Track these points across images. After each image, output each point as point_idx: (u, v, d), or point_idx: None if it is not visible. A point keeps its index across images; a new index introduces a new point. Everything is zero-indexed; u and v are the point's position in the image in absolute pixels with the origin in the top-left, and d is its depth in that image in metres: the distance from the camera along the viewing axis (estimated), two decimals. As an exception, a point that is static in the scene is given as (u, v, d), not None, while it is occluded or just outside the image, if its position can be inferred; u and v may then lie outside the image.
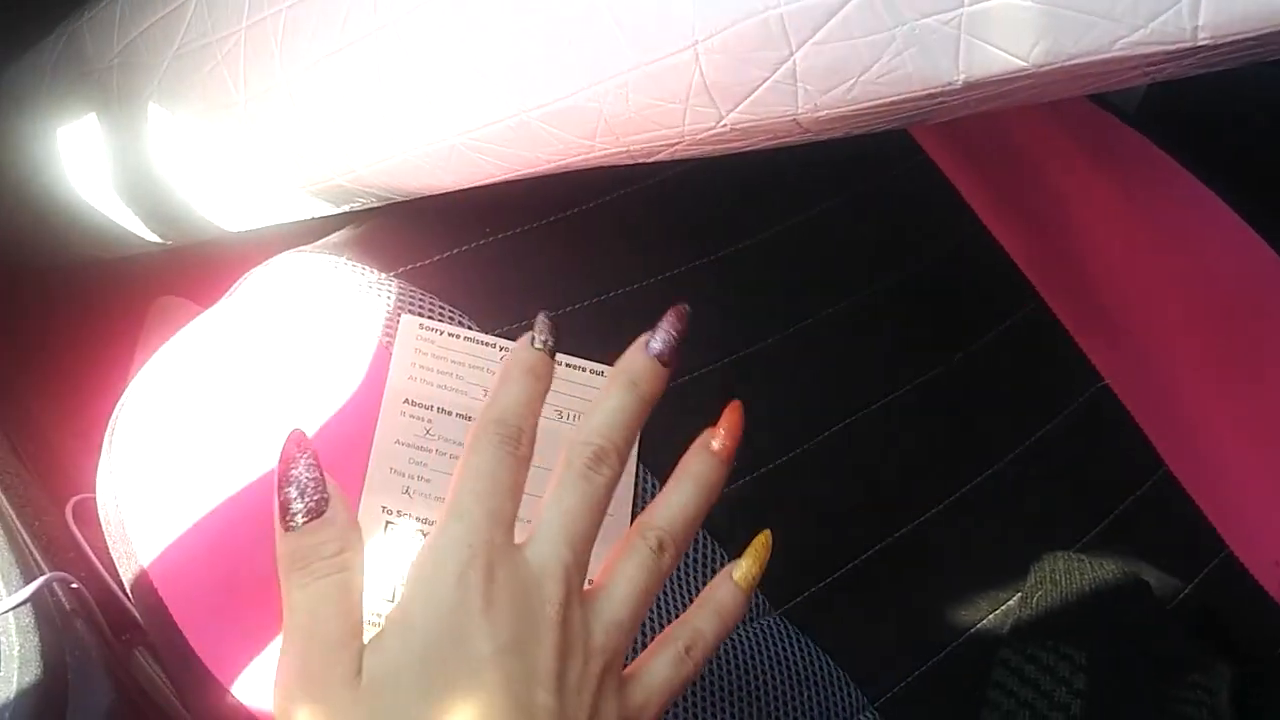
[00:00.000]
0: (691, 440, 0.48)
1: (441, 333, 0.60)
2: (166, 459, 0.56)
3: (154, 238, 0.83)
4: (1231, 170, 0.83)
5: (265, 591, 0.56)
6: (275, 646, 0.55)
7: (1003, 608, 0.70)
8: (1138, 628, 0.67)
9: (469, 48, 0.50)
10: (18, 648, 0.51)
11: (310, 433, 0.57)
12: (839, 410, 0.72)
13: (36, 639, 0.52)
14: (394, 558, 0.56)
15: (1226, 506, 0.77)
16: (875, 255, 0.79)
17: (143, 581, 0.55)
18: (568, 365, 0.60)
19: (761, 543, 0.48)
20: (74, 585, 0.57)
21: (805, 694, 0.62)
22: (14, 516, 0.60)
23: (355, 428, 0.58)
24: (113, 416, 0.57)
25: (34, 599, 0.53)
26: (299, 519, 0.42)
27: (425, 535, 0.56)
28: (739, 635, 0.61)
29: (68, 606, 0.57)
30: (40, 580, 0.54)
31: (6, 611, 0.52)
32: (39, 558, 0.58)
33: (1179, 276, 0.82)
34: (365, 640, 0.40)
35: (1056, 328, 0.81)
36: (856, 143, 0.49)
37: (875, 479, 0.71)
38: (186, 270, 1.01)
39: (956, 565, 0.71)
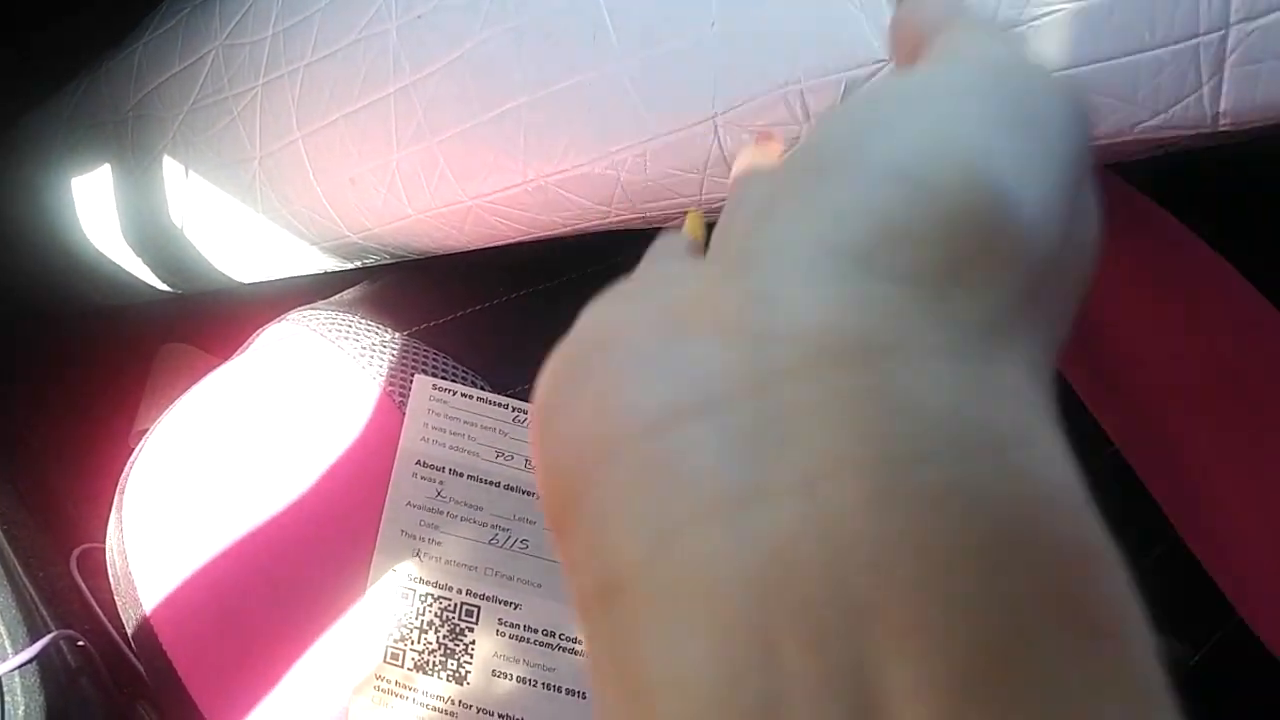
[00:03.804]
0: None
1: (454, 393, 0.60)
2: (176, 515, 0.56)
3: (163, 286, 0.84)
4: (1244, 235, 0.83)
5: (268, 645, 0.55)
6: (274, 699, 0.54)
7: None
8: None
9: (488, 111, 0.50)
10: (23, 707, 0.51)
11: (321, 493, 0.57)
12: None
13: (42, 698, 0.52)
14: (402, 621, 0.56)
15: (1236, 574, 0.76)
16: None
17: (146, 632, 0.55)
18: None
19: None
20: (80, 643, 0.57)
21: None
22: (20, 570, 0.59)
23: (367, 489, 0.58)
24: (124, 472, 0.57)
25: (40, 657, 0.53)
26: None
27: (435, 599, 0.56)
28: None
29: (73, 664, 0.56)
30: (47, 638, 0.53)
31: (12, 670, 0.51)
32: (45, 612, 0.58)
33: (1189, 342, 0.82)
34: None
35: (1067, 392, 0.81)
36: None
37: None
38: (192, 317, 1.01)
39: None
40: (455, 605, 0.56)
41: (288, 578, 0.56)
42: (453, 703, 0.55)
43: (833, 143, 0.20)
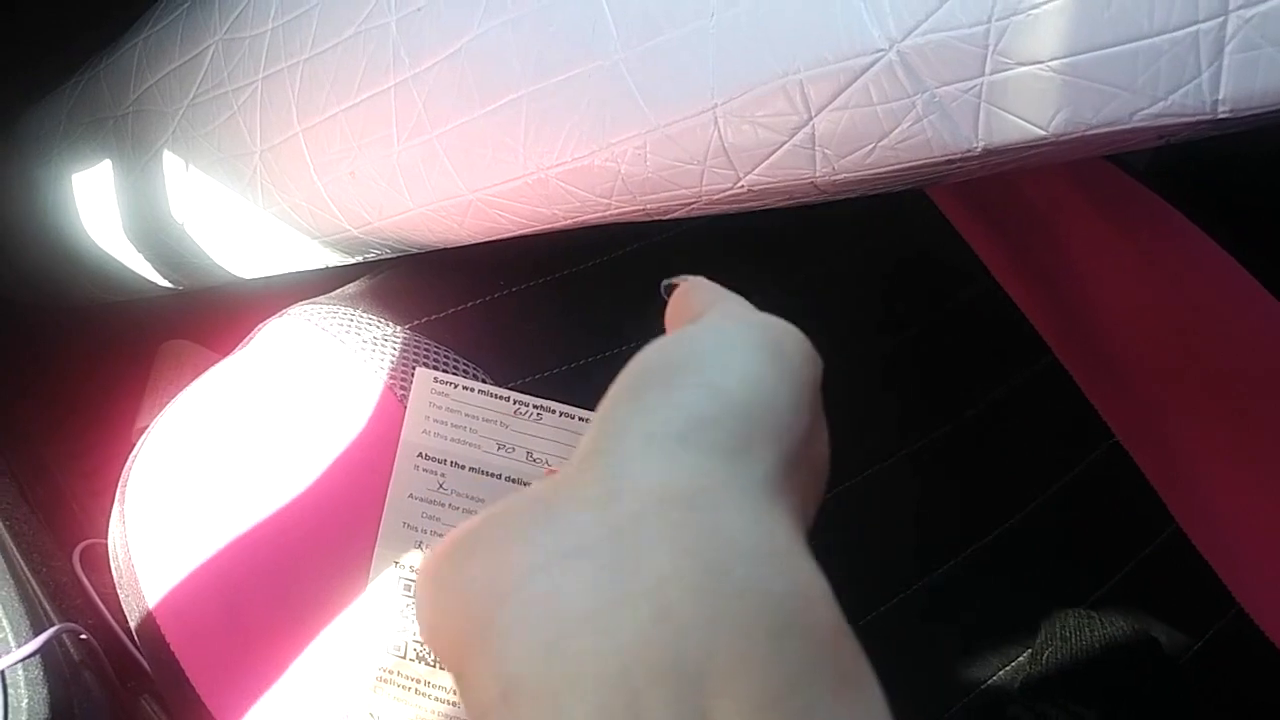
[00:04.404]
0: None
1: (455, 386, 0.60)
2: (178, 508, 0.56)
3: (165, 283, 0.84)
4: (1244, 227, 0.83)
5: (271, 639, 0.55)
6: (279, 692, 0.54)
7: (1013, 664, 0.69)
8: (1147, 685, 0.67)
9: (488, 104, 0.50)
10: (26, 700, 0.51)
11: (324, 486, 0.57)
12: (851, 466, 0.71)
13: (45, 691, 0.52)
14: (406, 614, 0.56)
15: (1236, 563, 0.76)
16: (887, 310, 0.79)
17: (150, 627, 0.55)
18: (580, 419, 0.60)
19: None
20: (83, 636, 0.57)
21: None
22: (23, 564, 0.59)
23: (369, 481, 0.58)
24: (126, 465, 0.57)
25: (43, 651, 0.53)
26: None
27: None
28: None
29: (76, 657, 0.56)
30: (50, 632, 0.53)
31: (16, 664, 0.51)
32: (48, 606, 0.58)
33: (1189, 333, 0.82)
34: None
35: (1069, 383, 0.81)
36: (869, 199, 0.49)
37: (886, 535, 0.71)
38: (194, 314, 1.01)
39: (967, 621, 0.70)
40: (458, 598, 0.56)
41: (290, 570, 0.56)
42: (457, 694, 0.55)
43: (650, 368, 0.27)
